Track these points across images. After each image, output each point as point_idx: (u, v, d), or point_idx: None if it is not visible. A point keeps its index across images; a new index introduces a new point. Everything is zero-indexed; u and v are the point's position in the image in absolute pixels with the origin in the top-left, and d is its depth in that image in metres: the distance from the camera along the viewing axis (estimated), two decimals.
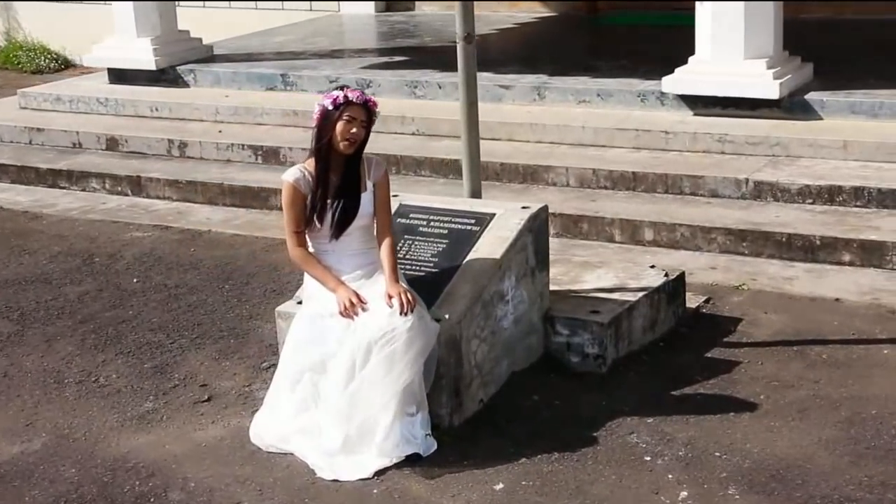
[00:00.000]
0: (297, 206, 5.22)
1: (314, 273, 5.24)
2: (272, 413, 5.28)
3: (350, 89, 5.22)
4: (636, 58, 10.43)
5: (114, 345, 6.41)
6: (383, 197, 5.33)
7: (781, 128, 8.50)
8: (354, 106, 5.17)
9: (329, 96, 5.19)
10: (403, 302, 5.00)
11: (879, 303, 6.59)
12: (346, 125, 5.15)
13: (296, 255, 5.27)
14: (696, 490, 4.73)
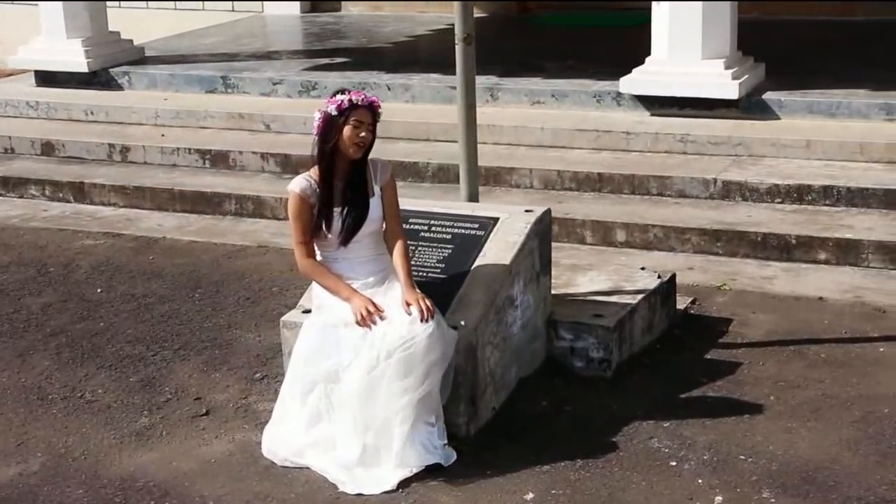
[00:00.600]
0: (304, 217, 5.06)
1: (326, 283, 5.08)
2: (283, 426, 5.11)
3: (354, 92, 5.07)
4: (582, 58, 10.42)
5: (92, 358, 6.17)
6: (391, 200, 5.20)
7: (742, 128, 8.53)
8: (360, 109, 5.03)
9: (333, 102, 5.02)
10: (423, 309, 4.87)
11: (863, 301, 6.63)
12: (354, 130, 5.01)
13: (305, 267, 5.11)
14: (729, 495, 4.68)
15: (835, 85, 8.95)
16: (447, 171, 8.57)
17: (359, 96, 5.04)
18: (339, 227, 5.06)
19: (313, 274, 5.11)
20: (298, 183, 5.08)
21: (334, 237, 5.08)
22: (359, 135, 5.02)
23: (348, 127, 5.00)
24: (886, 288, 6.82)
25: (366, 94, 5.13)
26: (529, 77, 9.84)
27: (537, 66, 10.28)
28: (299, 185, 5.07)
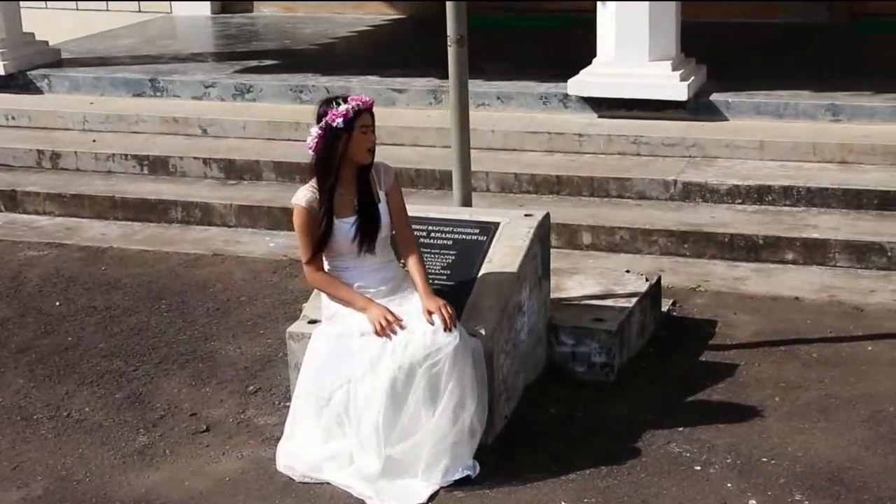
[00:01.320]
0: (312, 230, 4.92)
1: (339, 295, 4.94)
2: (298, 441, 4.96)
3: (351, 98, 4.89)
4: (520, 60, 10.39)
5: (69, 375, 5.92)
6: (398, 205, 5.08)
7: (693, 129, 8.58)
8: (364, 114, 4.88)
9: (336, 114, 4.84)
10: (446, 317, 4.76)
11: (838, 300, 6.71)
12: (363, 136, 4.87)
13: (316, 280, 4.97)
14: (762, 498, 4.67)
15: (771, 86, 9.05)
16: (400, 175, 8.40)
17: (357, 101, 4.88)
18: (353, 237, 4.91)
19: (325, 286, 4.96)
20: (305, 196, 4.92)
21: (345, 248, 4.93)
22: (369, 139, 4.88)
23: (358, 135, 4.85)
24: (858, 287, 6.90)
25: (358, 96, 4.95)
26: (472, 79, 9.72)
27: (477, 67, 10.17)
28: (305, 198, 4.91)
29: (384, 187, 5.03)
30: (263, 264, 7.51)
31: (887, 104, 8.51)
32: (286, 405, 5.49)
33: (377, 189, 5.00)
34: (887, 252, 7.03)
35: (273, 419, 5.37)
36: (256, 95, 9.87)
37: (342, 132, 4.84)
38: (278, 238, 8.03)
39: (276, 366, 5.94)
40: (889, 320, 6.42)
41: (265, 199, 8.36)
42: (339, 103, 4.85)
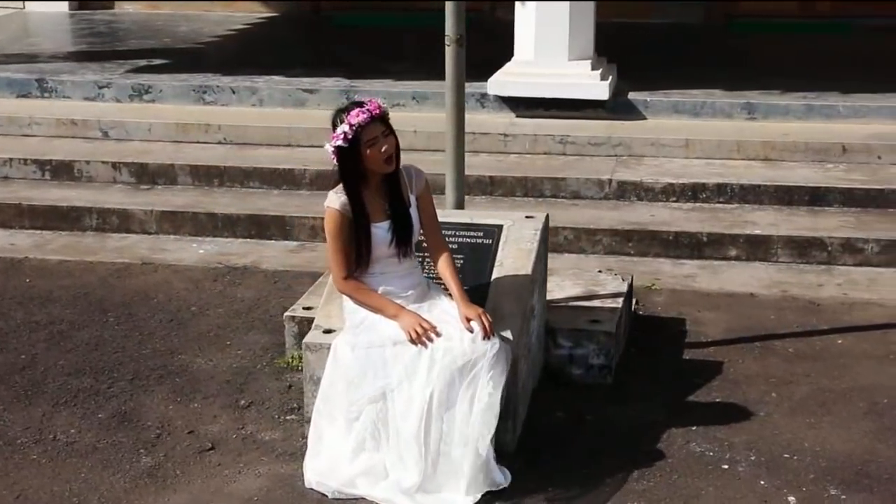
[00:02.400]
0: (344, 234, 4.74)
1: (369, 302, 4.77)
2: (325, 456, 4.78)
3: (350, 114, 4.68)
4: (417, 59, 10.29)
5: (38, 395, 5.58)
6: (429, 209, 4.95)
7: (617, 128, 8.66)
8: (367, 127, 4.69)
9: (338, 137, 4.67)
10: (485, 324, 4.65)
11: (792, 295, 6.86)
12: (374, 149, 4.70)
13: (347, 287, 4.79)
14: (800, 495, 4.71)
15: (682, 85, 9.21)
16: (325, 178, 8.23)
17: (358, 117, 4.67)
18: (390, 242, 4.76)
19: (356, 294, 4.79)
20: (338, 199, 4.74)
21: (386, 252, 4.77)
22: (381, 150, 4.71)
23: (368, 149, 4.69)
24: (805, 281, 7.07)
25: (360, 106, 4.75)
26: (381, 79, 9.63)
27: (381, 68, 10.09)
28: (339, 202, 4.73)
29: (415, 191, 4.88)
30: (200, 272, 7.24)
31: (800, 102, 8.75)
32: (286, 419, 5.31)
33: (408, 193, 4.85)
34: (827, 247, 7.22)
35: (278, 434, 5.17)
36: (156, 96, 9.52)
37: (349, 151, 4.66)
38: (207, 244, 7.77)
39: (259, 378, 5.73)
40: (845, 314, 6.58)
41: (187, 205, 8.06)
42: (341, 119, 4.67)
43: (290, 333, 5.83)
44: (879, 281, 7.05)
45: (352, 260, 4.77)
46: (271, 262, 7.42)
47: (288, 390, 5.60)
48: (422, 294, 4.88)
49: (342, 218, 4.71)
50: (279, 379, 5.72)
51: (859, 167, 8.11)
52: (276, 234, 7.74)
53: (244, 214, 7.81)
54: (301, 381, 5.60)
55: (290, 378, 5.71)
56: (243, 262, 7.40)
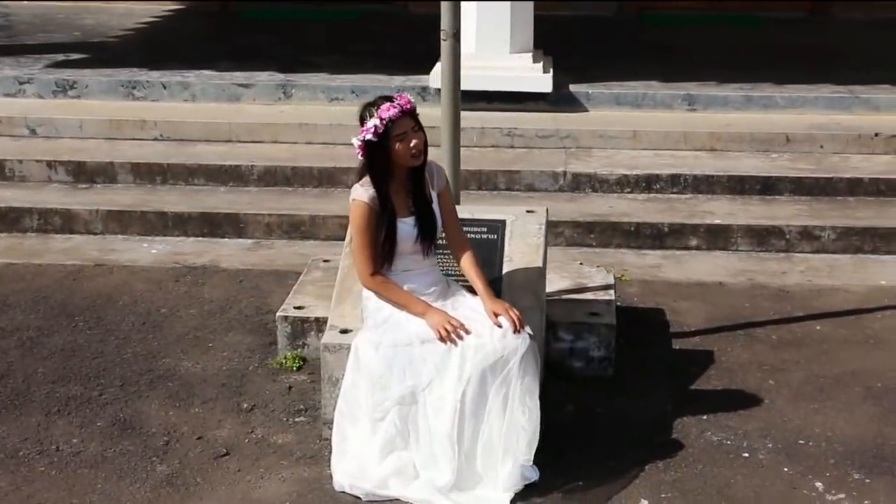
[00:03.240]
0: (372, 228, 4.65)
1: (397, 298, 4.69)
2: (352, 458, 4.68)
3: (382, 107, 4.63)
4: (347, 52, 10.22)
5: (27, 405, 5.36)
6: (450, 206, 4.88)
7: (562, 120, 8.69)
8: (398, 122, 4.63)
9: (368, 130, 4.60)
10: (514, 319, 4.61)
11: (759, 283, 6.97)
12: (403, 144, 4.63)
13: (374, 283, 4.70)
14: (826, 480, 4.77)
15: (617, 77, 9.29)
16: (274, 174, 8.12)
17: (388, 111, 4.62)
18: (416, 238, 4.68)
19: (383, 290, 4.70)
20: (366, 192, 4.64)
21: (410, 248, 4.69)
22: (410, 145, 4.64)
23: (397, 143, 4.62)
24: (768, 269, 7.19)
25: (389, 100, 4.68)
26: (314, 73, 9.50)
27: (312, 62, 9.96)
28: (367, 194, 4.63)
29: (436, 188, 4.81)
30: (159, 273, 7.04)
31: (738, 93, 8.90)
32: (295, 421, 5.20)
33: (429, 189, 4.78)
34: (786, 235, 7.34)
35: (290, 437, 5.05)
36: (81, 92, 9.24)
37: (378, 145, 4.58)
38: (158, 244, 7.56)
39: (254, 380, 5.60)
40: (815, 300, 6.71)
41: (133, 204, 7.83)
42: (371, 113, 4.59)
43: (282, 334, 5.71)
44: (838, 267, 7.20)
45: (378, 255, 4.67)
46: (230, 260, 7.25)
47: (288, 392, 5.47)
48: (443, 291, 4.82)
49: (371, 211, 4.62)
50: (275, 380, 5.58)
51: (804, 156, 8.27)
52: (230, 233, 7.57)
53: (196, 213, 7.62)
54: (303, 383, 5.52)
55: (286, 379, 5.59)
56: (201, 262, 7.21)
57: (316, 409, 5.28)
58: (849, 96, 8.90)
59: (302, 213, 7.57)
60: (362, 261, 4.67)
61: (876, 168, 8.08)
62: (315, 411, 5.26)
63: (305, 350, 5.71)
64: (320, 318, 5.68)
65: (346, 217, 7.23)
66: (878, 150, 8.32)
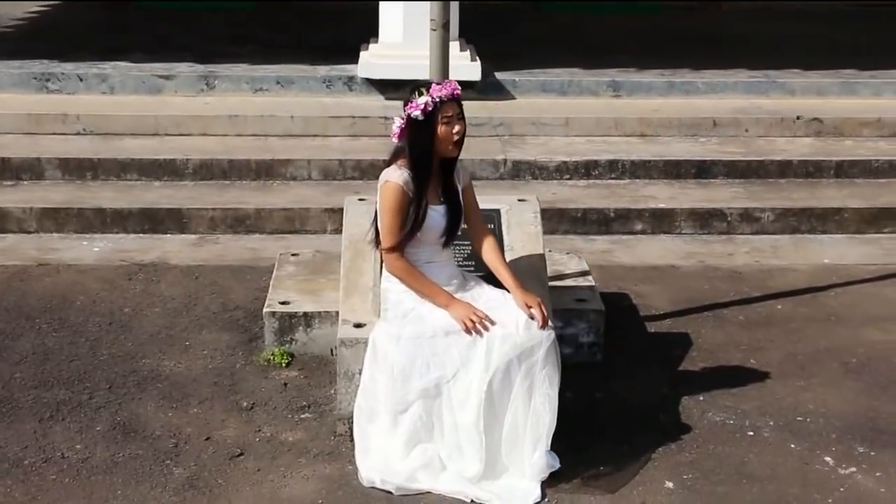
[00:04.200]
0: (403, 212, 4.63)
1: (422, 287, 4.67)
2: (376, 454, 4.64)
3: (433, 88, 4.63)
4: (262, 42, 10.08)
5: (15, 411, 5.19)
6: (473, 201, 4.91)
7: (491, 108, 8.74)
8: (447, 104, 4.64)
9: (415, 107, 4.59)
10: (545, 314, 4.64)
11: (710, 265, 7.14)
12: (447, 127, 4.64)
13: (399, 268, 4.67)
14: (836, 455, 4.90)
15: (540, 64, 9.38)
16: (210, 167, 7.98)
17: (440, 91, 4.63)
18: (444, 227, 4.67)
19: (408, 277, 4.67)
20: (399, 175, 4.61)
21: (435, 238, 4.69)
22: (453, 130, 4.64)
23: (441, 126, 4.61)
24: (715, 251, 7.37)
25: (442, 83, 4.70)
26: (234, 64, 9.35)
27: (230, 52, 9.80)
28: (401, 177, 4.60)
29: (462, 183, 4.80)
30: (108, 271, 6.87)
31: (661, 79, 9.08)
32: (300, 418, 5.15)
33: (457, 183, 4.77)
34: (727, 217, 7.53)
35: (300, 434, 4.99)
36: None
37: (425, 124, 4.56)
38: (99, 242, 7.38)
39: (246, 378, 5.51)
40: (767, 280, 6.91)
41: (67, 201, 7.62)
42: (420, 93, 4.57)
43: (269, 330, 5.63)
44: (780, 247, 7.41)
45: (405, 239, 4.65)
46: (179, 257, 7.11)
47: (284, 388, 5.40)
48: (461, 285, 4.82)
49: (404, 194, 4.59)
50: (267, 377, 5.50)
51: (731, 140, 8.48)
52: (173, 228, 7.41)
53: (136, 209, 7.44)
54: (296, 379, 5.47)
55: (277, 376, 5.51)
56: (149, 259, 7.05)
57: (319, 405, 5.23)
58: (766, 81, 9.15)
59: (247, 207, 7.45)
60: (389, 239, 4.64)
61: (801, 150, 8.34)
62: (318, 408, 5.21)
63: (293, 346, 5.63)
64: (309, 312, 5.63)
65: (292, 210, 7.26)
66: (800, 133, 8.57)
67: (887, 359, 5.84)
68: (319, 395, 5.33)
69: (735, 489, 4.63)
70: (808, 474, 4.76)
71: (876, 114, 8.73)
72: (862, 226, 7.56)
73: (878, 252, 7.37)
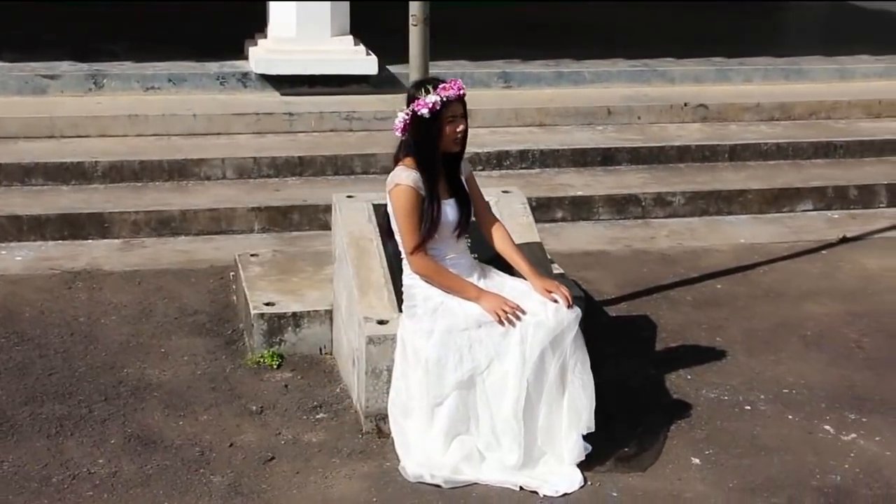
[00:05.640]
0: (418, 212, 4.68)
1: (450, 283, 4.73)
2: (417, 449, 4.67)
3: (441, 87, 4.70)
4: (139, 39, 9.83)
5: (17, 429, 4.97)
6: (477, 190, 5.00)
7: (391, 102, 8.73)
8: (453, 103, 4.72)
9: (422, 104, 4.65)
10: (566, 295, 4.78)
11: (639, 249, 7.42)
12: (452, 126, 4.72)
13: (426, 267, 4.71)
14: (833, 424, 5.17)
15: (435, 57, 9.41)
16: (121, 169, 7.78)
17: (448, 91, 4.70)
18: (457, 221, 4.74)
19: (436, 275, 4.71)
20: (409, 175, 4.65)
21: (450, 232, 4.75)
22: (457, 129, 4.72)
23: (447, 125, 4.69)
24: (636, 235, 7.64)
25: (448, 81, 4.77)
26: (125, 62, 9.11)
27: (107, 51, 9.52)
28: (410, 178, 4.65)
29: (464, 174, 4.88)
30: (42, 281, 6.64)
31: (548, 70, 9.33)
32: (316, 418, 5.14)
33: (460, 176, 4.85)
34: (641, 202, 7.81)
35: (324, 435, 4.97)
36: None
37: (430, 122, 4.63)
38: (18, 251, 7.12)
39: (243, 382, 5.45)
40: (697, 261, 7.22)
41: None
42: (428, 91, 4.63)
43: (258, 332, 5.57)
44: (696, 230, 7.73)
45: (425, 238, 4.70)
46: (110, 262, 6.91)
47: (286, 390, 5.36)
48: (482, 273, 4.90)
49: (416, 194, 4.64)
50: (263, 380, 5.45)
51: (627, 127, 8.77)
52: (94, 234, 7.19)
53: (53, 215, 7.18)
54: (294, 380, 5.47)
55: (273, 378, 5.47)
56: (79, 266, 6.84)
57: (330, 405, 5.22)
58: (647, 69, 9.49)
59: (171, 209, 7.29)
60: (411, 241, 4.67)
61: (693, 136, 8.69)
62: (330, 407, 5.20)
63: (282, 346, 5.58)
64: (298, 313, 5.59)
65: (218, 210, 7.16)
66: (688, 119, 8.94)
67: (836, 330, 6.19)
68: (325, 394, 5.30)
69: (757, 461, 4.83)
70: (815, 443, 5.01)
71: (754, 99, 9.17)
72: (764, 206, 7.94)
73: (784, 230, 7.76)
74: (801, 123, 9.04)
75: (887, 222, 7.89)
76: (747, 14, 12.73)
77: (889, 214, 8.07)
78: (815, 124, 9.03)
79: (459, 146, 4.73)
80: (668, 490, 4.60)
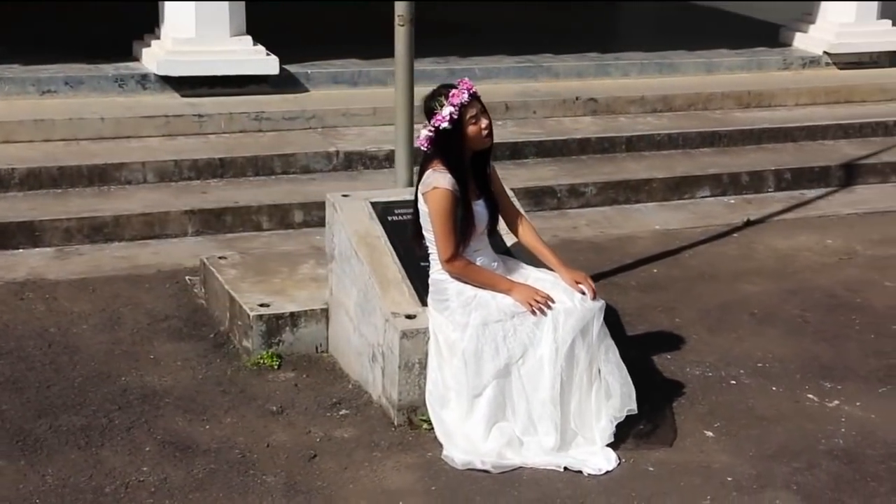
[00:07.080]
0: (455, 215, 4.84)
1: (483, 279, 4.90)
2: (460, 440, 4.82)
3: (451, 95, 4.84)
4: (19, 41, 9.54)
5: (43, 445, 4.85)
6: (500, 185, 5.17)
7: (296, 101, 8.83)
8: (468, 106, 4.88)
9: (442, 119, 4.80)
10: (592, 286, 5.02)
11: (566, 238, 7.68)
12: (475, 126, 4.89)
13: (458, 268, 4.87)
14: (815, 393, 5.53)
15: (320, 56, 9.51)
16: (39, 176, 7.61)
17: (460, 97, 4.85)
18: (487, 219, 4.92)
19: (467, 272, 4.87)
20: (446, 178, 4.79)
21: (481, 230, 4.92)
22: (482, 127, 4.90)
23: (469, 127, 4.86)
24: (558, 226, 7.91)
25: (456, 84, 4.92)
26: (13, 64, 8.83)
27: None
28: (448, 181, 4.79)
29: (488, 170, 5.05)
30: None
31: (440, 67, 9.52)
32: (341, 414, 5.23)
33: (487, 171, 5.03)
34: (557, 193, 8.11)
35: (355, 430, 5.04)
36: None
37: (452, 132, 4.80)
38: None
39: (250, 384, 5.46)
40: (624, 248, 7.54)
41: None
42: (441, 103, 4.78)
43: (257, 333, 5.59)
44: (611, 218, 8.07)
45: (461, 244, 4.85)
46: (52, 272, 6.75)
47: (297, 388, 5.41)
48: (507, 268, 5.08)
49: (454, 198, 4.79)
50: (268, 380, 5.48)
51: (525, 122, 9.04)
52: (24, 242, 7.01)
53: None
54: (300, 379, 5.54)
55: (277, 378, 5.51)
56: (21, 276, 6.66)
57: (349, 401, 5.30)
58: (533, 66, 9.78)
59: (103, 215, 7.17)
60: (448, 246, 4.81)
61: (590, 129, 9.03)
62: (349, 403, 5.28)
63: (280, 347, 5.62)
64: (295, 312, 5.64)
65: (151, 214, 7.11)
66: (580, 113, 9.28)
67: (779, 307, 6.60)
68: (339, 391, 5.37)
69: (765, 431, 5.17)
70: (807, 411, 5.38)
71: (638, 92, 9.58)
72: (667, 193, 8.34)
73: (692, 216, 8.18)
74: (682, 115, 9.48)
75: (780, 206, 8.39)
76: (591, 12, 13.13)
77: (779, 198, 8.58)
78: (695, 115, 9.50)
79: (489, 141, 4.87)
80: (697, 462, 4.87)
